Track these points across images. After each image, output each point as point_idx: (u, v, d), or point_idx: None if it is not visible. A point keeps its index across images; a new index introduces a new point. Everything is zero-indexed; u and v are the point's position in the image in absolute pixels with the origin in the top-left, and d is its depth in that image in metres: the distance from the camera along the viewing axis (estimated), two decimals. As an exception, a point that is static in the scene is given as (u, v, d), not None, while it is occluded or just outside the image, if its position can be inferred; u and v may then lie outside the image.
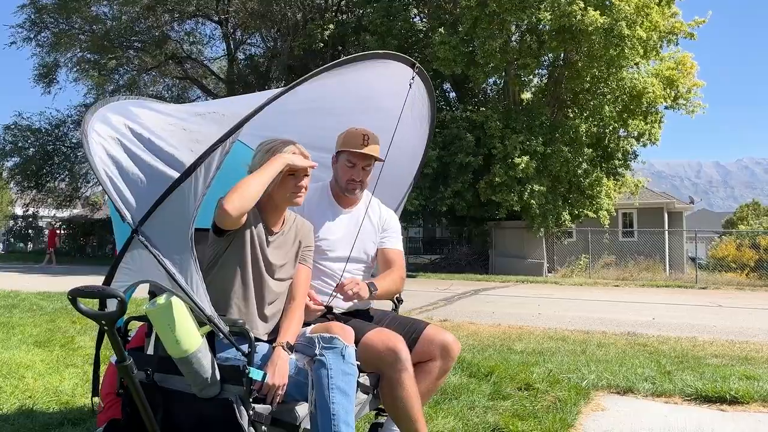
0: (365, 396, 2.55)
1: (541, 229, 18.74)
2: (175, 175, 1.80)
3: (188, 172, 1.78)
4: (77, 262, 25.73)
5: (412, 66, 2.65)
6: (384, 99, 2.78)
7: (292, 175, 2.25)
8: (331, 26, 21.68)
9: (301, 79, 2.06)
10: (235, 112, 1.94)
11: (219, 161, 1.82)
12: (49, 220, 32.88)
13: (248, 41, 28.11)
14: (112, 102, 2.34)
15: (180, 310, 1.86)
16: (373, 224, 2.85)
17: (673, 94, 19.39)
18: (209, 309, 1.85)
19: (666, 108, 20.11)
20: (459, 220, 21.40)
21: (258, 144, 2.33)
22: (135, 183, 1.89)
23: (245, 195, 2.00)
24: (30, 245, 34.28)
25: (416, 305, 9.88)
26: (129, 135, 2.04)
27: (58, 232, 29.24)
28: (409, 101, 2.71)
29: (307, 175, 2.32)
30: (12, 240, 36.33)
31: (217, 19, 26.07)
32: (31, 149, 27.82)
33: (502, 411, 3.61)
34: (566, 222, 18.96)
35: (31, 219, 33.36)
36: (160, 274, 1.81)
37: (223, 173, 2.51)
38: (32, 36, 25.87)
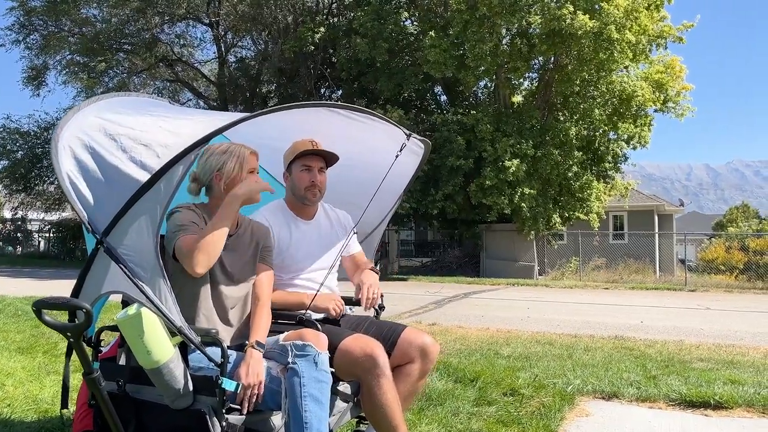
0: (346, 404, 2.53)
1: (532, 232, 18.78)
2: (142, 180, 1.78)
3: (151, 182, 1.76)
4: (66, 265, 25.50)
5: (407, 137, 2.76)
6: (376, 147, 2.81)
7: (251, 173, 2.29)
8: (322, 29, 21.63)
9: (294, 104, 2.15)
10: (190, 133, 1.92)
11: (183, 172, 1.79)
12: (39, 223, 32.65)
13: (239, 44, 28.04)
14: (95, 102, 2.31)
15: (151, 319, 1.83)
16: (335, 229, 2.89)
17: (662, 98, 19.50)
18: (179, 320, 1.82)
19: (655, 111, 20.22)
20: (450, 223, 21.43)
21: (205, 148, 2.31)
22: (101, 191, 1.86)
23: (212, 251, 2.00)
24: (19, 249, 33.95)
25: (406, 309, 9.86)
26: (100, 137, 2.00)
27: None
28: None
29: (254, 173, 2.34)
30: (1, 243, 36.00)
31: (207, 21, 25.97)
32: (20, 152, 27.61)
33: (486, 417, 3.59)
34: (557, 225, 19.02)
35: (20, 222, 33.07)
36: (128, 285, 1.78)
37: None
38: (21, 38, 25.70)
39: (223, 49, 26.74)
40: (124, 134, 2.00)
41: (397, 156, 2.72)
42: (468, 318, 8.86)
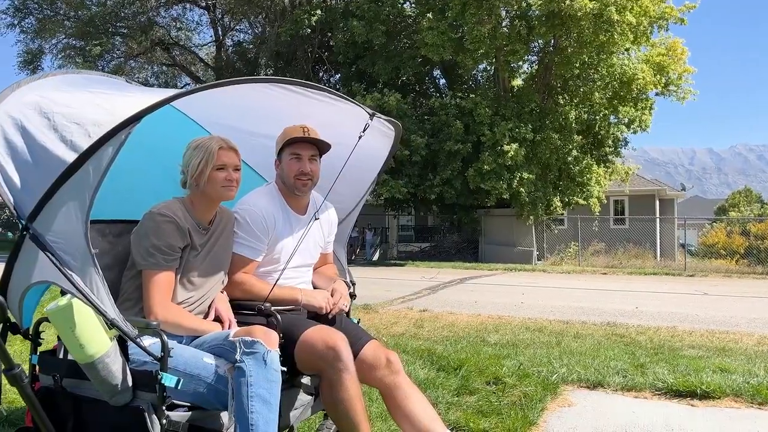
0: (309, 397, 2.42)
1: (531, 217, 18.65)
2: (70, 161, 1.64)
3: (78, 164, 1.62)
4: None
5: (371, 116, 2.59)
6: (339, 127, 2.66)
7: (221, 169, 2.21)
8: (319, 12, 21.35)
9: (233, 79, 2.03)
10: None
11: (113, 153, 1.66)
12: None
13: (237, 27, 27.77)
14: (38, 79, 2.18)
15: (83, 311, 1.70)
16: (323, 228, 2.77)
17: (663, 81, 19.22)
18: (112, 311, 1.69)
19: (656, 95, 19.96)
20: (448, 208, 21.32)
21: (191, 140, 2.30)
22: (28, 173, 1.73)
23: (168, 323, 2.04)
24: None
25: (399, 295, 9.76)
26: (34, 116, 1.87)
27: None
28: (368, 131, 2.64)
29: (238, 169, 2.27)
30: (1, 230, 36.05)
31: (204, 4, 25.70)
32: (17, 137, 27.50)
33: (465, 407, 3.49)
34: (557, 209, 18.88)
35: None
36: (57, 275, 1.66)
37: (157, 142, 2.43)
38: (16, 22, 25.52)
39: (220, 32, 26.50)
40: (59, 112, 1.86)
41: (360, 136, 2.57)
42: (461, 304, 8.76)
